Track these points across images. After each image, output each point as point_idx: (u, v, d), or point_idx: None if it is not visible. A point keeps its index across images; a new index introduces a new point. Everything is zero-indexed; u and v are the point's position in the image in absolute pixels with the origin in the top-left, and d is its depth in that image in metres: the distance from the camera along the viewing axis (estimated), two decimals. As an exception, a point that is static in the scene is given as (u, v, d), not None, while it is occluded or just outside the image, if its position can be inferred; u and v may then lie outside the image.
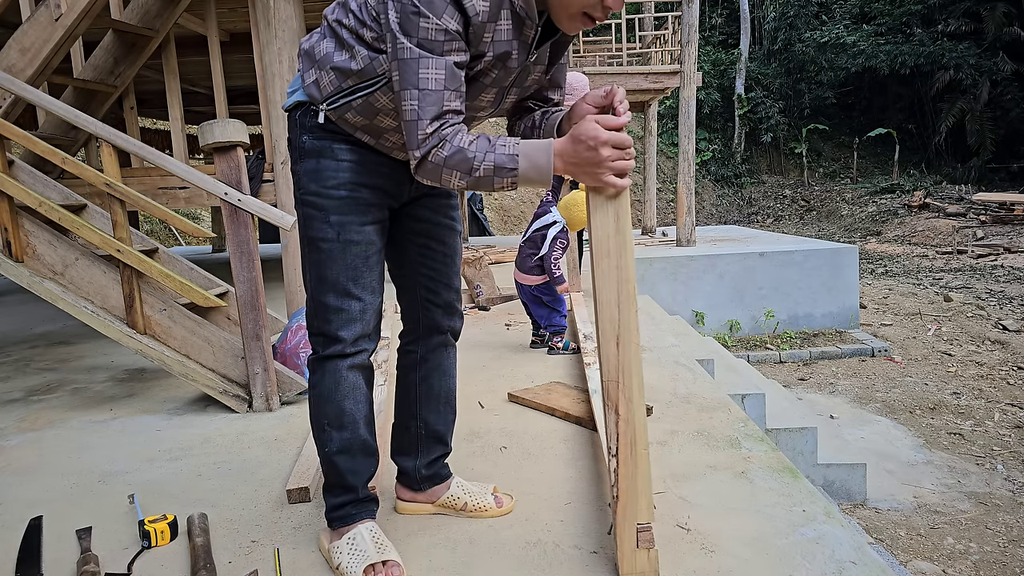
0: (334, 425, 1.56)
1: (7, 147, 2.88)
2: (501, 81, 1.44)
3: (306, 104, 1.50)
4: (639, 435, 1.42)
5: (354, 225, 1.50)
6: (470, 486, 1.82)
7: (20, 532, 1.83)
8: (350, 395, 1.55)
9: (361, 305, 1.53)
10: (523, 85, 1.50)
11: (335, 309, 1.51)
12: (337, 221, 1.49)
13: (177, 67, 4.42)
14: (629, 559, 1.44)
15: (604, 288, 1.40)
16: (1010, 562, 3.48)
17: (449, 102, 1.31)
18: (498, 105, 1.51)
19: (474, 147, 1.32)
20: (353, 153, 1.50)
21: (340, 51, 1.43)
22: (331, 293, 1.51)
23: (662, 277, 7.43)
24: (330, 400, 1.55)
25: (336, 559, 1.55)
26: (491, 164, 1.31)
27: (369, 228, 1.52)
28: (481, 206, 13.87)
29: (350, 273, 1.50)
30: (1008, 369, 6.49)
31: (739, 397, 3.89)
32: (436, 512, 1.81)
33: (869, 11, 21.77)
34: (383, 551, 1.54)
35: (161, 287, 3.11)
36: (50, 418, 2.85)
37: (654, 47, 10.03)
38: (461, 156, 1.31)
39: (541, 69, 1.50)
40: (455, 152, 1.31)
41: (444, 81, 1.30)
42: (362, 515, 1.60)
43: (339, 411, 1.55)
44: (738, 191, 21.98)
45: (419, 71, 1.29)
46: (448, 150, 1.31)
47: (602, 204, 1.38)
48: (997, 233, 14.10)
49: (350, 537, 1.56)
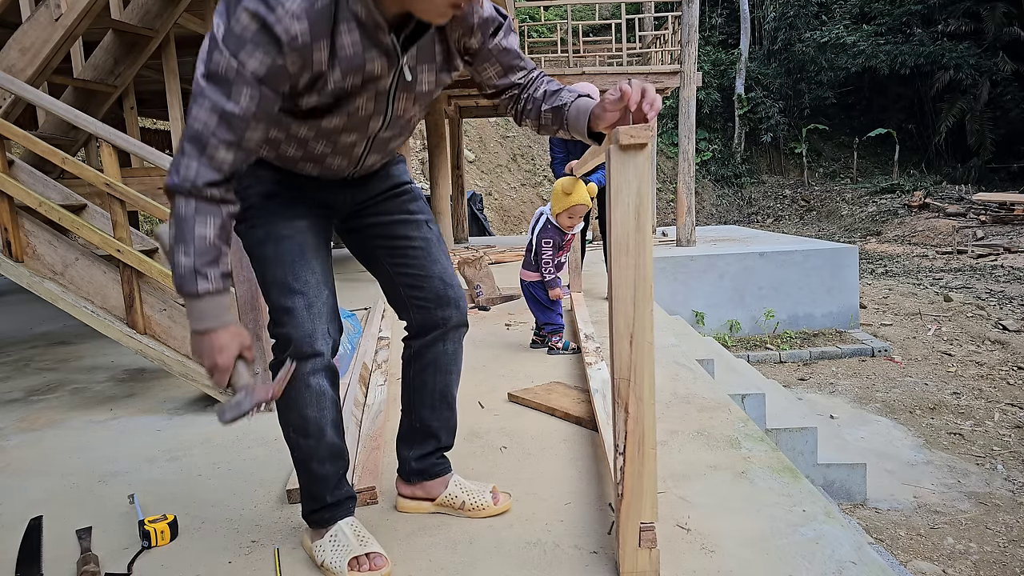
0: (299, 433, 1.55)
1: (7, 147, 2.88)
2: (372, 90, 1.36)
3: None
4: (648, 434, 1.42)
5: (280, 221, 1.51)
6: (468, 484, 1.82)
7: (20, 532, 1.82)
8: (313, 403, 1.53)
9: (305, 300, 1.50)
10: (415, 91, 1.43)
11: (283, 309, 1.50)
12: (263, 223, 1.50)
13: (177, 67, 4.42)
14: (631, 558, 1.44)
15: (621, 285, 1.39)
16: (1010, 562, 3.48)
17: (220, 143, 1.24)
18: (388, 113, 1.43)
19: (195, 233, 1.25)
20: (265, 168, 1.51)
21: None
22: (274, 291, 1.50)
23: (662, 277, 7.43)
24: (292, 408, 1.53)
25: (320, 556, 1.56)
26: (182, 260, 1.26)
27: (299, 223, 1.52)
28: (481, 206, 13.86)
29: (286, 268, 1.50)
30: (1008, 369, 6.49)
31: (739, 397, 3.89)
32: (435, 511, 1.81)
33: (869, 11, 21.78)
34: (365, 543, 1.55)
35: (161, 287, 3.11)
36: (50, 418, 2.85)
37: (654, 47, 10.04)
38: (183, 226, 1.25)
39: (431, 69, 1.42)
40: (187, 217, 1.25)
41: (217, 120, 1.22)
42: (339, 515, 1.61)
43: (302, 419, 1.54)
44: (738, 191, 21.98)
45: (194, 110, 1.23)
46: (184, 209, 1.25)
47: (623, 201, 1.37)
48: (997, 233, 14.11)
49: (332, 534, 1.58)
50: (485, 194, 17.04)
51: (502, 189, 18.40)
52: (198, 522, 1.85)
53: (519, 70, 1.54)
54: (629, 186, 1.36)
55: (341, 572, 1.51)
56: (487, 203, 17.33)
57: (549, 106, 1.52)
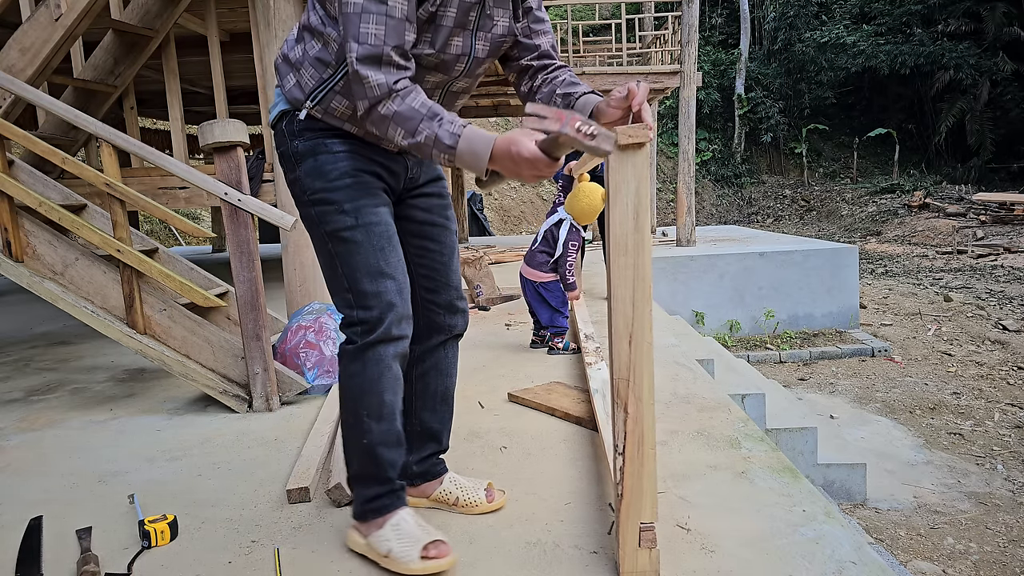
0: (374, 416, 1.54)
1: (7, 147, 2.88)
2: (464, 22, 1.43)
3: (289, 111, 1.52)
4: (647, 434, 1.42)
5: (369, 207, 1.51)
6: (463, 481, 1.83)
7: (20, 532, 1.82)
8: (391, 386, 1.54)
9: (396, 284, 1.51)
10: (490, 31, 1.49)
11: (372, 294, 1.49)
12: (352, 208, 1.49)
13: (177, 67, 4.42)
14: (631, 558, 1.44)
15: (620, 285, 1.39)
16: (1010, 562, 3.47)
17: (393, 52, 1.32)
18: (470, 54, 1.49)
19: (423, 112, 1.32)
20: (345, 144, 1.51)
21: (315, 44, 1.46)
22: (365, 278, 1.49)
23: (662, 277, 7.43)
24: (371, 391, 1.52)
25: (384, 547, 1.53)
26: (432, 134, 1.32)
27: (383, 209, 1.53)
28: (481, 206, 13.87)
29: (379, 254, 1.50)
30: (1008, 369, 6.49)
31: (739, 397, 3.89)
32: (429, 506, 1.82)
33: (869, 11, 21.78)
34: (427, 531, 1.55)
35: (161, 287, 3.11)
36: (50, 418, 2.85)
37: (654, 47, 10.03)
38: (409, 115, 1.32)
39: (506, 14, 1.49)
40: (406, 110, 1.32)
41: (384, 30, 1.31)
42: (396, 504, 1.59)
43: (380, 403, 1.53)
44: (738, 191, 21.98)
45: (360, 24, 1.30)
46: (399, 105, 1.33)
47: (622, 200, 1.37)
48: (997, 233, 14.10)
49: (394, 524, 1.55)
50: (485, 194, 17.03)
51: (502, 189, 18.40)
52: (198, 522, 1.85)
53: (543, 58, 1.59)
54: (628, 186, 1.36)
55: (412, 561, 1.49)
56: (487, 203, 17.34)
57: (563, 91, 1.55)
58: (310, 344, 2.92)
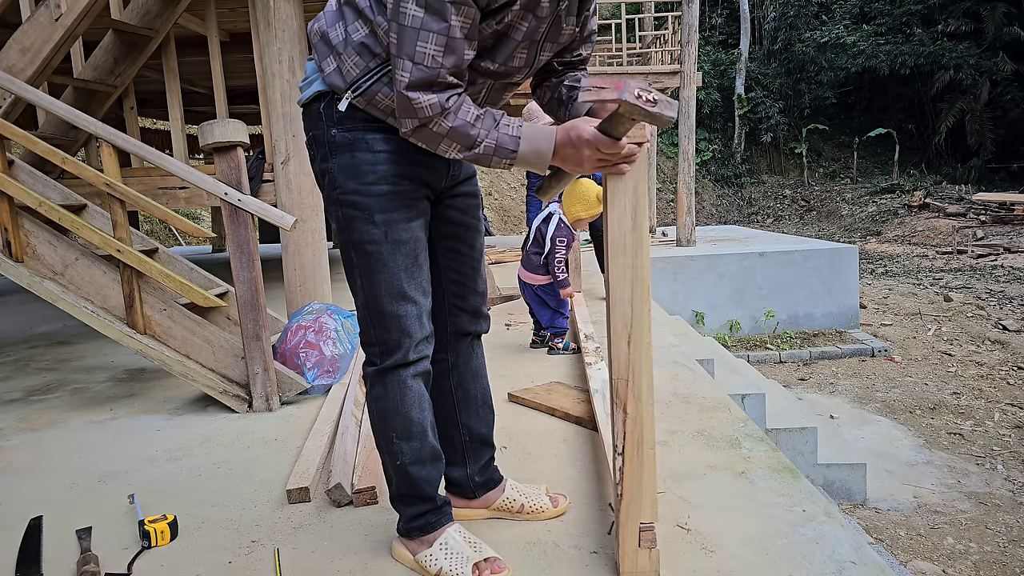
0: (403, 437, 1.50)
1: (7, 147, 2.88)
2: (533, 34, 1.34)
3: (327, 94, 1.39)
4: (646, 434, 1.42)
5: (401, 223, 1.42)
6: (524, 487, 1.78)
7: (20, 532, 1.82)
8: (416, 403, 1.50)
9: (417, 309, 1.45)
10: (557, 40, 1.42)
11: (392, 316, 1.43)
12: (383, 220, 1.40)
13: (177, 67, 4.42)
14: (631, 558, 1.44)
15: (618, 286, 1.39)
16: (1010, 562, 3.47)
17: (448, 73, 1.24)
18: (532, 64, 1.42)
19: (479, 124, 1.27)
20: (388, 142, 1.39)
21: (360, 28, 1.34)
22: (385, 298, 1.43)
23: (662, 277, 7.43)
24: (396, 412, 1.49)
25: (434, 566, 1.50)
26: (493, 143, 1.28)
27: (415, 224, 1.44)
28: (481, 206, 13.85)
29: (402, 276, 1.43)
30: (1008, 369, 6.49)
31: (739, 397, 3.89)
32: (491, 516, 1.76)
33: (869, 11, 21.77)
34: (480, 549, 1.51)
35: (161, 287, 3.11)
36: (50, 418, 2.85)
37: (654, 47, 10.03)
38: (465, 131, 1.27)
39: (573, 19, 1.41)
40: (460, 125, 1.26)
41: (443, 52, 1.22)
42: (442, 520, 1.56)
43: (407, 422, 1.49)
44: (738, 191, 21.98)
45: (418, 42, 1.21)
46: (453, 121, 1.26)
47: (620, 200, 1.37)
48: (997, 233, 14.10)
49: (442, 543, 1.52)
50: (485, 194, 17.04)
51: (502, 189, 18.41)
52: (198, 522, 1.85)
53: (575, 57, 1.56)
54: (626, 185, 1.36)
55: None
56: (487, 203, 17.34)
57: (569, 83, 1.54)
58: (310, 344, 2.92)
